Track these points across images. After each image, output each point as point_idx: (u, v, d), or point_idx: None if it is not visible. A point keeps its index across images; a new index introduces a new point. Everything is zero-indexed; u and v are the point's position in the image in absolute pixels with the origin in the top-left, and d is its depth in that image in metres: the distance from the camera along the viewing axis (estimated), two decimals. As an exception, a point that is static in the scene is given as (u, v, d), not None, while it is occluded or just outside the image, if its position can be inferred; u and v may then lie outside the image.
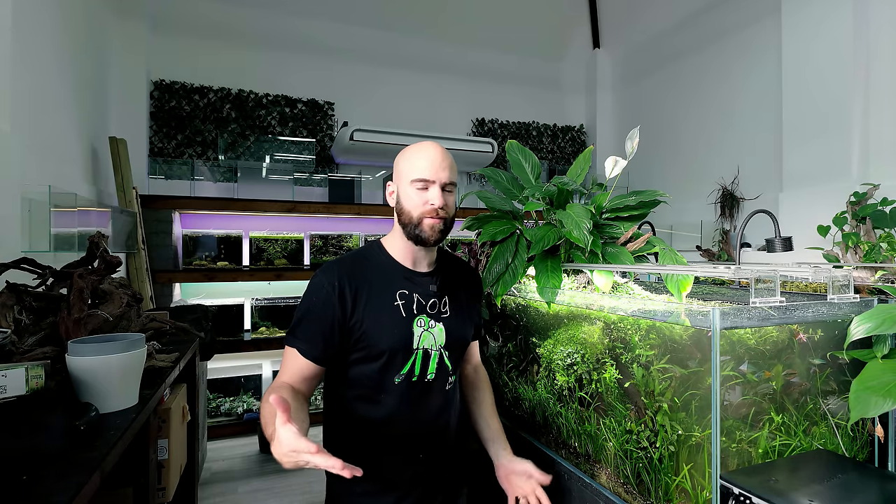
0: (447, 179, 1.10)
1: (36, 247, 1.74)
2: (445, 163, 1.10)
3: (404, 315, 1.10)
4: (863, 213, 1.72)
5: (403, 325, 1.10)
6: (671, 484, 1.00)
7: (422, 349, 1.11)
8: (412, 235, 1.10)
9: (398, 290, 1.12)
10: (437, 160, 1.09)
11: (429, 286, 1.16)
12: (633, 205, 1.46)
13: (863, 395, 0.85)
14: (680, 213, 3.96)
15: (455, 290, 1.21)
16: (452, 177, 1.12)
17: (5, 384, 1.02)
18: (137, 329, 1.52)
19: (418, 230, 1.09)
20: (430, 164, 1.09)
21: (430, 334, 1.13)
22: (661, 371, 1.03)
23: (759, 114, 3.55)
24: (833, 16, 2.78)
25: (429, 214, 1.08)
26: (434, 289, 1.16)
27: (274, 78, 4.13)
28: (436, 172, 1.09)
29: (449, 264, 1.24)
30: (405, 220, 1.10)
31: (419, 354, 1.11)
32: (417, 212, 1.09)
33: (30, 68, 1.96)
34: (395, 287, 1.12)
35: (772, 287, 0.94)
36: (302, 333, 1.05)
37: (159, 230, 3.38)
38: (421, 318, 1.12)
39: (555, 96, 5.28)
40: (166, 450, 1.61)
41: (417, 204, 1.09)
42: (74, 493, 0.74)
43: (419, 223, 1.09)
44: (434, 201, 1.08)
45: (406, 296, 1.12)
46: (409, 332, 1.10)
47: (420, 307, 1.13)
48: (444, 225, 1.11)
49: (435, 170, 1.09)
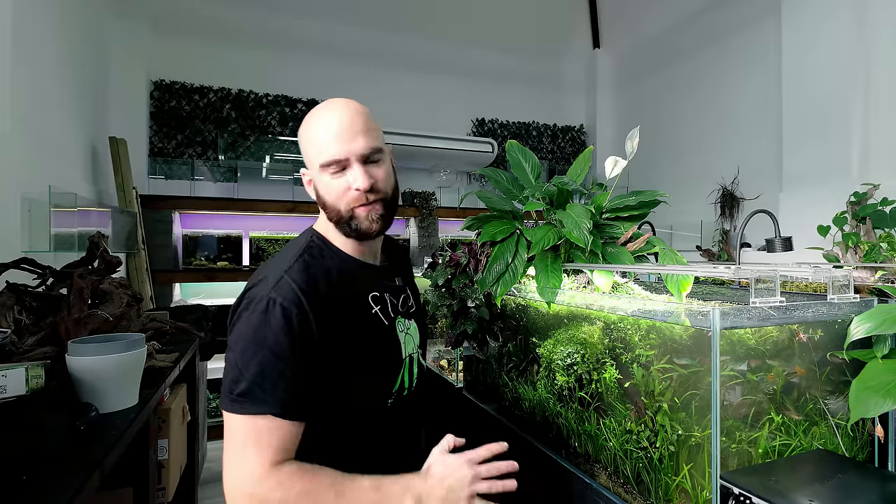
0: (365, 148, 0.84)
1: (36, 247, 1.74)
2: (356, 124, 0.84)
3: (386, 323, 0.91)
4: (863, 214, 1.71)
5: (388, 336, 0.91)
6: (671, 484, 1.00)
7: (408, 356, 0.94)
8: (350, 232, 0.88)
9: (369, 293, 0.91)
10: (345, 128, 0.83)
11: (394, 279, 0.98)
12: (633, 205, 1.46)
13: (863, 395, 0.85)
14: (680, 213, 3.96)
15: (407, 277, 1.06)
16: (372, 142, 0.85)
17: (5, 384, 1.02)
18: (137, 329, 1.52)
19: (355, 223, 0.87)
20: (337, 137, 0.83)
21: (410, 337, 0.96)
22: (661, 371, 1.03)
23: (759, 114, 3.55)
24: (833, 16, 2.78)
25: (357, 202, 0.85)
26: (399, 282, 0.99)
27: (274, 78, 4.13)
28: (347, 146, 0.83)
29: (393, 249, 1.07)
30: (332, 215, 0.88)
31: (406, 364, 0.94)
32: (343, 203, 0.86)
33: (30, 68, 1.96)
34: (366, 290, 0.91)
35: (772, 287, 0.94)
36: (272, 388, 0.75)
37: (159, 230, 3.37)
38: (399, 320, 0.94)
39: (555, 96, 5.28)
40: (166, 450, 1.61)
41: (339, 193, 0.85)
42: (74, 493, 0.74)
43: (352, 216, 0.86)
44: (360, 183, 0.83)
45: (379, 298, 0.92)
46: (396, 342, 0.92)
47: (394, 308, 0.94)
48: (383, 208, 0.88)
49: (346, 143, 0.83)
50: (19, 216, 1.71)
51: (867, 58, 2.67)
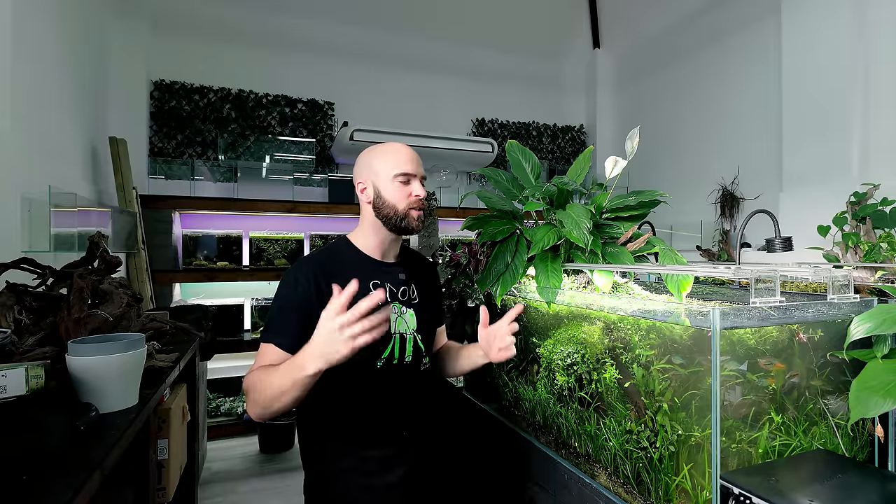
0: (422, 174, 1.22)
1: (36, 247, 1.74)
2: (419, 159, 1.23)
3: None
4: (863, 213, 1.72)
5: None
6: (671, 484, 1.00)
7: (398, 333, 1.19)
8: (397, 227, 1.18)
9: (371, 280, 1.18)
10: (415, 157, 1.21)
11: (398, 275, 1.24)
12: (633, 205, 1.46)
13: (863, 395, 0.85)
14: (680, 213, 3.96)
15: (419, 280, 1.29)
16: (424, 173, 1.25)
17: (5, 384, 1.02)
18: (137, 329, 1.52)
19: (405, 221, 1.18)
20: (410, 160, 1.20)
21: (402, 320, 1.20)
22: (661, 371, 1.03)
23: (759, 113, 3.55)
24: (833, 16, 2.78)
25: (415, 205, 1.18)
26: (403, 277, 1.24)
27: (274, 78, 4.13)
28: (416, 168, 1.20)
29: (411, 257, 1.34)
30: (388, 212, 1.18)
31: (396, 339, 1.18)
32: (403, 204, 1.17)
33: (30, 68, 1.96)
34: (368, 278, 1.18)
35: (772, 287, 0.94)
36: (282, 328, 1.08)
37: (159, 230, 3.37)
38: (394, 304, 1.20)
39: (555, 96, 5.28)
40: (166, 450, 1.61)
41: (402, 197, 1.17)
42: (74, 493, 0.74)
43: (406, 215, 1.18)
44: (419, 192, 1.18)
45: (379, 285, 1.19)
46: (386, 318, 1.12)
47: (392, 295, 1.20)
48: (423, 215, 1.22)
49: (415, 165, 1.20)
50: (19, 216, 1.71)
51: (867, 56, 2.67)
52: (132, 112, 3.51)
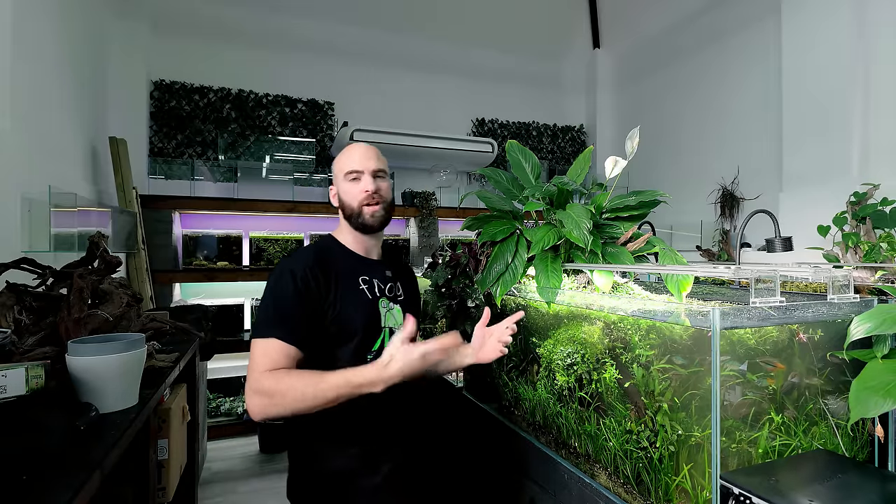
0: (375, 167, 1.22)
1: (36, 247, 1.74)
2: (370, 153, 1.24)
3: (370, 297, 1.21)
4: (863, 213, 1.71)
5: (371, 306, 1.20)
6: (671, 484, 1.00)
7: (388, 327, 1.22)
8: (357, 225, 1.22)
9: (360, 275, 1.22)
10: (363, 153, 1.23)
11: (384, 272, 1.28)
12: (633, 205, 1.45)
13: (863, 395, 0.85)
14: (680, 213, 3.96)
15: (402, 279, 1.34)
16: (380, 165, 1.25)
17: (5, 384, 1.02)
18: (137, 329, 1.52)
19: (361, 219, 1.21)
20: (359, 156, 1.22)
21: (391, 314, 1.24)
22: (661, 371, 1.03)
23: (759, 113, 3.55)
24: (833, 16, 2.78)
25: (366, 201, 1.20)
26: (389, 274, 1.29)
27: (274, 78, 4.12)
28: (364, 163, 1.22)
29: (392, 255, 1.38)
30: (348, 212, 1.22)
31: (386, 332, 1.21)
32: (356, 202, 1.20)
33: (30, 68, 1.96)
34: (357, 273, 1.22)
35: (772, 287, 0.94)
36: (281, 321, 1.08)
37: (159, 230, 3.37)
38: (383, 300, 1.24)
39: (555, 96, 5.28)
40: (166, 450, 1.61)
41: (354, 194, 1.21)
42: (74, 493, 0.74)
43: (360, 212, 1.21)
44: (368, 187, 1.20)
45: (367, 280, 1.22)
46: (377, 312, 1.20)
47: (380, 290, 1.24)
48: (382, 210, 1.23)
49: (363, 161, 1.22)
50: (19, 216, 1.71)
51: (867, 56, 2.67)
52: (132, 112, 3.51)
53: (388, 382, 1.00)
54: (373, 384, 1.00)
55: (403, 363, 0.99)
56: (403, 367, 0.99)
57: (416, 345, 1.00)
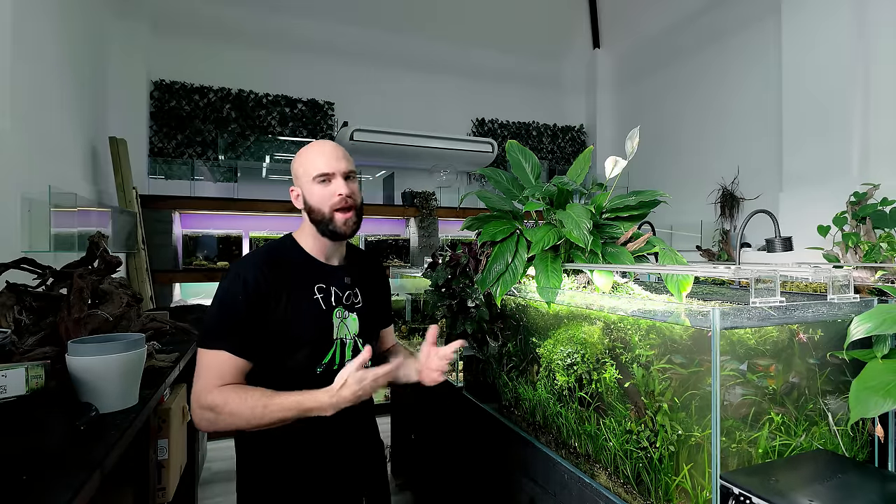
0: (346, 168, 1.14)
1: (36, 247, 1.74)
2: (340, 153, 1.14)
3: (324, 308, 1.14)
4: (863, 213, 1.71)
5: (324, 318, 1.13)
6: (671, 484, 1.00)
7: (339, 339, 1.16)
8: (326, 232, 1.13)
9: (316, 283, 1.14)
10: (332, 153, 1.13)
11: (343, 279, 1.20)
12: (633, 205, 1.45)
13: (863, 395, 0.85)
14: (680, 213, 3.96)
15: (365, 282, 1.26)
16: (351, 166, 1.16)
17: (5, 384, 1.02)
18: (137, 329, 1.52)
19: (332, 225, 1.12)
20: (327, 157, 1.12)
21: (344, 325, 1.17)
22: (661, 371, 1.03)
23: (759, 114, 3.55)
24: (833, 16, 2.78)
25: (338, 206, 1.11)
26: (348, 281, 1.20)
27: (274, 78, 4.13)
28: (334, 165, 1.12)
29: (357, 258, 1.29)
30: (317, 217, 1.13)
31: (337, 344, 1.15)
32: (327, 206, 1.11)
33: (30, 68, 1.96)
34: (313, 281, 1.14)
35: (772, 287, 0.94)
36: (230, 331, 1.03)
37: (159, 230, 3.38)
38: (338, 309, 1.16)
39: (555, 96, 5.28)
40: (166, 450, 1.61)
41: (325, 198, 1.11)
42: (74, 493, 0.74)
43: (331, 218, 1.12)
44: (341, 190, 1.11)
45: (324, 289, 1.15)
46: (329, 324, 1.14)
47: (337, 299, 1.17)
48: (356, 216, 1.15)
49: (332, 162, 1.12)
50: (19, 216, 1.71)
51: (867, 56, 2.67)
52: (132, 112, 3.52)
53: (337, 407, 1.00)
54: (322, 409, 0.99)
55: (355, 389, 0.99)
56: (356, 392, 0.99)
57: (368, 371, 1.01)
